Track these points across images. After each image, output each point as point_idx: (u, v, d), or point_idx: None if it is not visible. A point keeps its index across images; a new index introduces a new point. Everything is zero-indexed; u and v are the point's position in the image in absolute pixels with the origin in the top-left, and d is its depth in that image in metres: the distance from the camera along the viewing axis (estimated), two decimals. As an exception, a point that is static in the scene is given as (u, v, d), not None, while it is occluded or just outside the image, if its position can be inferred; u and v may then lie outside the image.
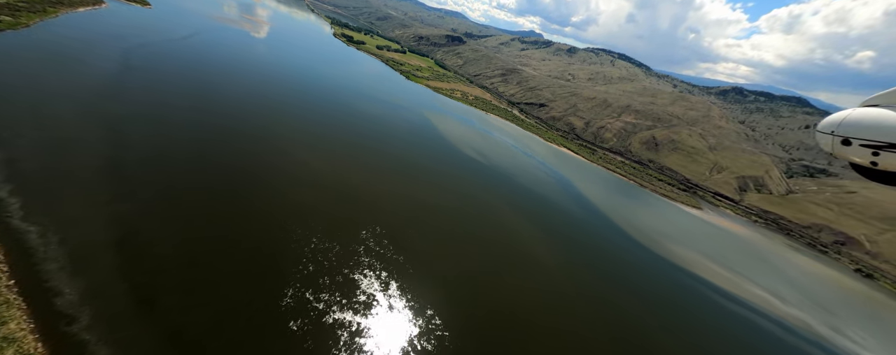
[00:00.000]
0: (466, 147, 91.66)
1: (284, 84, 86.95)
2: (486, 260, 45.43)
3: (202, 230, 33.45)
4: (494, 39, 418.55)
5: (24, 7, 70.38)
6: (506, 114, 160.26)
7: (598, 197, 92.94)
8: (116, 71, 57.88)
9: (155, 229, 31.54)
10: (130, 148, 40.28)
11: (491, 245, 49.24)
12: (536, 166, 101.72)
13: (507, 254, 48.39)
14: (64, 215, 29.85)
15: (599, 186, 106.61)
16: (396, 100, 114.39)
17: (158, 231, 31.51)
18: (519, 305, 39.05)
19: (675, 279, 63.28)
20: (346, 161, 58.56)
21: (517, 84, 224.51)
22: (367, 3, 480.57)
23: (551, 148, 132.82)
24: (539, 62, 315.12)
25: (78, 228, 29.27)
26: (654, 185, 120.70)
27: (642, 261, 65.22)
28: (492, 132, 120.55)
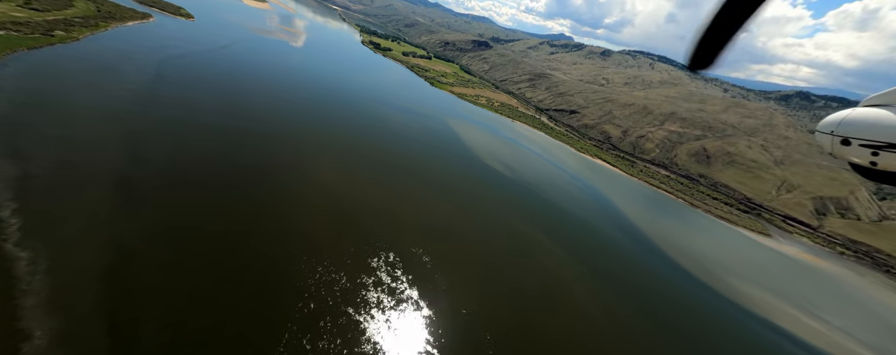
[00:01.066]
0: (491, 158, 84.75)
1: (308, 92, 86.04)
2: (517, 304, 38.30)
3: (199, 257, 30.19)
4: (522, 43, 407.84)
5: (79, 22, 75.20)
6: (533, 122, 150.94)
7: (642, 218, 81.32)
8: (147, 82, 58.60)
9: (151, 256, 28.79)
10: (144, 163, 38.88)
11: (521, 285, 41.93)
12: (569, 181, 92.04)
13: (541, 297, 40.91)
14: (61, 238, 27.84)
15: (643, 205, 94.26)
16: (419, 107, 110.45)
17: (154, 257, 28.73)
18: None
19: (747, 328, 51.46)
20: (362, 176, 54.40)
21: (546, 89, 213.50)
22: (396, 10, 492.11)
23: (584, 159, 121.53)
24: (569, 66, 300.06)
25: (71, 254, 27.03)
26: (707, 205, 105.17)
27: (703, 302, 54.04)
28: (518, 141, 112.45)
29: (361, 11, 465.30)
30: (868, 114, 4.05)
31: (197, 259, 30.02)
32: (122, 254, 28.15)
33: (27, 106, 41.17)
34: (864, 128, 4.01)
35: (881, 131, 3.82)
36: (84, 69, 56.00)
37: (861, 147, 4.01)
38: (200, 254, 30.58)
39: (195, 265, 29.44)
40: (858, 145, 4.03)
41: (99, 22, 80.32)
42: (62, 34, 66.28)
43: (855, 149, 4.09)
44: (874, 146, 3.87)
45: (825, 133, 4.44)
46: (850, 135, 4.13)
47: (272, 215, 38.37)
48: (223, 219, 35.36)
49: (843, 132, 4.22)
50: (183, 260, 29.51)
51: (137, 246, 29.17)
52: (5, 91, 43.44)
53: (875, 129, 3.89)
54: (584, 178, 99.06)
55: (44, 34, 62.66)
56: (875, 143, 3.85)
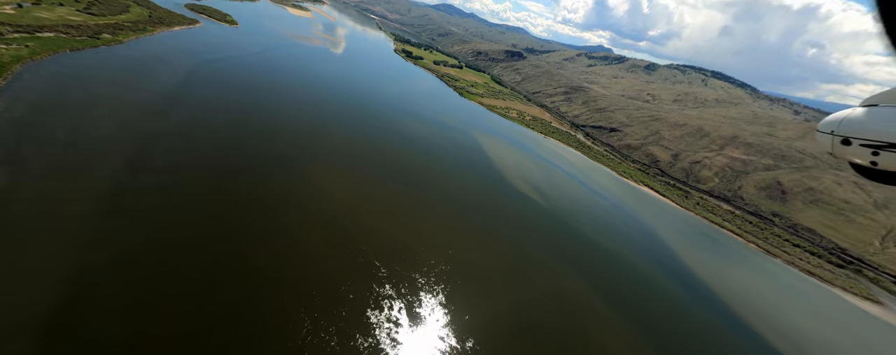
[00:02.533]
0: (520, 180, 74.66)
1: (332, 100, 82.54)
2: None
3: (170, 305, 24.43)
4: (557, 54, 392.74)
5: (128, 27, 77.97)
6: (568, 139, 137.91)
7: (705, 266, 66.23)
8: (173, 86, 57.29)
9: (112, 296, 24.05)
10: (142, 176, 35.51)
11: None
12: (611, 211, 78.91)
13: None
14: (21, 267, 23.86)
15: (704, 248, 78.24)
16: (446, 119, 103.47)
17: (115, 298, 23.89)
18: None
19: None
20: (376, 197, 47.81)
21: (583, 104, 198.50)
22: (431, 20, 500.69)
23: (627, 185, 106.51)
24: (609, 80, 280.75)
25: (24, 289, 22.50)
26: (788, 254, 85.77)
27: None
28: (552, 161, 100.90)
29: (398, 21, 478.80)
30: (869, 114, 4.00)
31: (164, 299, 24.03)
32: (78, 293, 23.16)
33: (43, 106, 39.46)
34: (865, 127, 3.96)
35: (882, 131, 3.76)
36: (114, 70, 55.64)
37: (862, 147, 3.96)
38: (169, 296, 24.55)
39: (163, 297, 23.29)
40: (859, 145, 3.98)
41: (147, 26, 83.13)
42: (108, 37, 67.84)
43: (855, 148, 4.03)
44: (875, 146, 3.81)
45: (825, 133, 4.37)
46: (850, 134, 4.08)
47: (263, 240, 32.39)
48: (207, 244, 29.73)
49: (843, 132, 4.16)
50: (151, 303, 23.58)
51: (98, 283, 24.08)
52: (34, 90, 42.34)
53: (876, 129, 3.83)
54: (629, 209, 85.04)
55: (90, 37, 64.13)
56: (876, 143, 3.80)
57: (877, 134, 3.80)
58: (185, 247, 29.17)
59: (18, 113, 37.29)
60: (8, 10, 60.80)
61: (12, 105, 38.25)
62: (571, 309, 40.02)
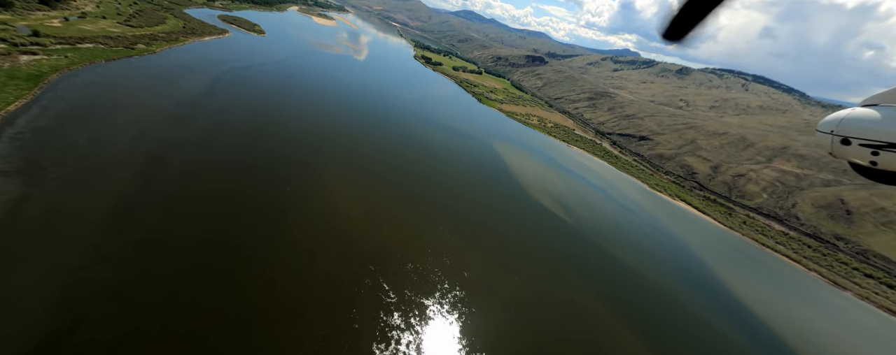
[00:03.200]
0: (542, 193, 69.43)
1: (348, 107, 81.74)
2: None
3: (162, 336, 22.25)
4: (581, 59, 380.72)
5: (162, 37, 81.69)
6: (593, 148, 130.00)
7: (762, 301, 57.44)
8: (196, 94, 58.18)
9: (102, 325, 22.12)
10: (153, 187, 34.72)
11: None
12: (643, 230, 71.54)
13: None
14: (13, 286, 22.44)
15: (757, 277, 68.72)
16: (463, 126, 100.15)
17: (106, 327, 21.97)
18: None
19: None
20: (387, 212, 45.28)
21: (609, 110, 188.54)
22: (451, 27, 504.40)
23: (661, 200, 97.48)
24: (637, 85, 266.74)
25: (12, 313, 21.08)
26: (861, 287, 73.86)
27: None
28: (576, 172, 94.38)
29: (419, 28, 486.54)
30: (868, 114, 3.98)
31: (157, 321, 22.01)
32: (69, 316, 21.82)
33: (70, 114, 40.28)
34: (864, 127, 3.94)
35: (881, 131, 3.76)
36: (143, 79, 57.19)
37: (861, 146, 3.94)
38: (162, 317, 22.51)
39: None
40: (858, 145, 3.96)
41: (180, 37, 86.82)
42: (142, 47, 70.80)
43: (855, 148, 4.02)
44: (874, 146, 3.82)
45: (825, 133, 4.36)
46: (849, 134, 4.06)
47: (268, 260, 30.22)
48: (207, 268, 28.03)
49: (843, 132, 4.14)
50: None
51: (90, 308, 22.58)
52: (64, 99, 43.62)
53: (875, 129, 3.82)
54: (664, 227, 76.94)
55: (126, 47, 67.01)
56: (875, 143, 3.80)
57: (876, 134, 3.79)
58: (184, 271, 27.45)
59: (46, 122, 38.03)
60: (55, 23, 64.89)
61: (42, 113, 39.18)
62: (605, 350, 34.64)
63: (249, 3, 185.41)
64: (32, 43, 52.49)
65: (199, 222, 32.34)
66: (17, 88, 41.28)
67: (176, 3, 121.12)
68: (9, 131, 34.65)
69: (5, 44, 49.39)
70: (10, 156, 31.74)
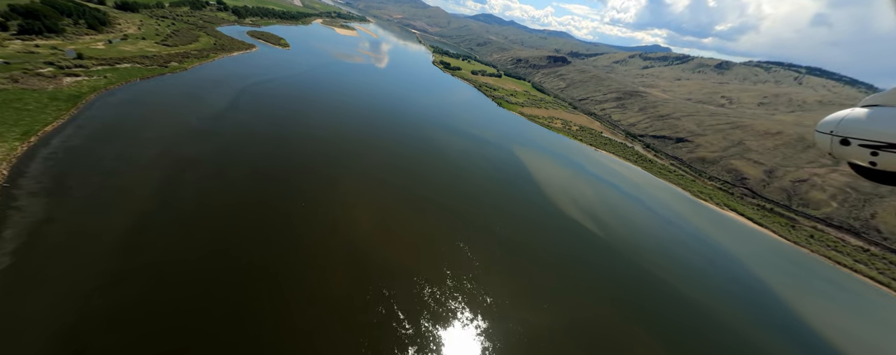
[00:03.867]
0: (570, 204, 63.79)
1: (365, 116, 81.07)
2: None
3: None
4: (606, 57, 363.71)
5: (194, 54, 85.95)
6: (625, 152, 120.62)
7: (855, 340, 47.78)
8: (220, 109, 59.66)
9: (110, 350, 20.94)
10: (169, 205, 34.45)
11: None
12: (689, 245, 63.43)
13: None
14: (18, 316, 21.94)
15: (839, 305, 58.07)
16: (482, 132, 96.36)
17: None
18: None
19: None
20: (402, 227, 42.76)
21: (640, 111, 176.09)
22: (470, 31, 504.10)
23: (707, 210, 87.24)
24: (671, 82, 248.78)
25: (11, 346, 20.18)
26: (976, 321, 60.37)
27: None
28: (607, 179, 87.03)
29: (438, 34, 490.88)
30: (867, 115, 3.98)
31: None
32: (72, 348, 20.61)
33: (102, 133, 41.71)
34: (864, 128, 3.95)
35: (880, 131, 3.77)
36: (172, 95, 59.31)
37: (860, 147, 3.96)
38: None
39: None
40: (858, 145, 3.97)
41: (210, 53, 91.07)
42: (175, 65, 74.35)
43: (854, 149, 4.03)
44: (873, 146, 3.82)
45: (824, 133, 4.35)
46: (849, 135, 4.07)
47: (279, 285, 28.39)
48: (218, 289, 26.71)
49: (842, 132, 4.14)
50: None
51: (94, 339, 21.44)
52: (98, 117, 45.53)
53: (874, 129, 3.83)
54: (714, 242, 67.96)
55: (160, 66, 70.53)
56: (874, 143, 3.81)
57: (875, 134, 3.80)
58: (194, 287, 26.17)
59: (78, 140, 39.39)
60: (100, 45, 69.81)
61: (76, 132, 40.76)
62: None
63: (277, 19, 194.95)
64: (76, 65, 56.09)
65: (212, 240, 31.33)
66: (57, 109, 43.50)
67: (209, 22, 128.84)
68: (43, 151, 35.99)
69: (53, 67, 53.00)
70: (40, 175, 32.63)
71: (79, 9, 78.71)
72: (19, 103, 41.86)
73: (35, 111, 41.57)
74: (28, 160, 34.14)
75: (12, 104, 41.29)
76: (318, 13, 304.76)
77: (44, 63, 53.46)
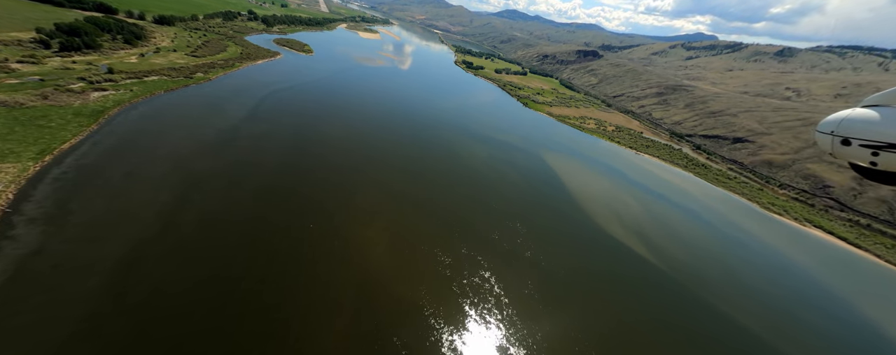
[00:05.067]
0: (612, 220, 55.04)
1: (384, 122, 77.18)
2: None
3: None
4: (643, 49, 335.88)
5: (220, 64, 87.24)
6: (671, 155, 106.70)
7: None
8: (237, 120, 58.24)
9: None
10: (170, 231, 31.92)
11: None
12: (770, 276, 52.04)
13: None
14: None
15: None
16: (508, 136, 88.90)
17: None
18: None
19: None
20: (419, 255, 37.36)
21: (686, 107, 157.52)
22: (493, 28, 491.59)
23: (782, 226, 73.10)
24: (721, 74, 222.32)
25: None
26: None
27: None
28: (653, 189, 75.99)
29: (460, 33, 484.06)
30: (868, 115, 4.01)
31: None
32: None
33: (116, 149, 40.83)
34: (865, 128, 3.98)
35: (881, 131, 3.80)
36: (192, 107, 58.83)
37: (861, 147, 3.99)
38: None
39: None
40: (859, 145, 4.01)
41: (236, 62, 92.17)
42: (200, 76, 75.09)
43: (855, 149, 4.06)
44: (874, 146, 3.86)
45: (825, 133, 4.39)
46: (850, 135, 4.09)
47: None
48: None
49: (843, 132, 4.17)
50: None
51: None
52: (115, 133, 45.00)
53: (875, 130, 3.86)
54: (801, 270, 55.34)
55: (186, 77, 71.27)
56: (875, 144, 3.84)
57: (876, 134, 3.81)
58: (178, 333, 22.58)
59: (91, 158, 38.44)
60: (133, 59, 72.02)
61: (91, 149, 40.01)
62: None
63: (303, 25, 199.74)
64: (106, 79, 57.20)
65: (208, 275, 27.99)
66: (78, 125, 43.36)
67: (239, 32, 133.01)
68: (54, 171, 35.05)
69: (84, 82, 54.16)
70: (45, 199, 31.27)
71: (118, 25, 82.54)
72: (43, 120, 42.04)
73: (57, 128, 41.49)
74: (37, 181, 33.13)
75: (37, 121, 41.50)
76: (342, 18, 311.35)
77: (76, 78, 54.84)
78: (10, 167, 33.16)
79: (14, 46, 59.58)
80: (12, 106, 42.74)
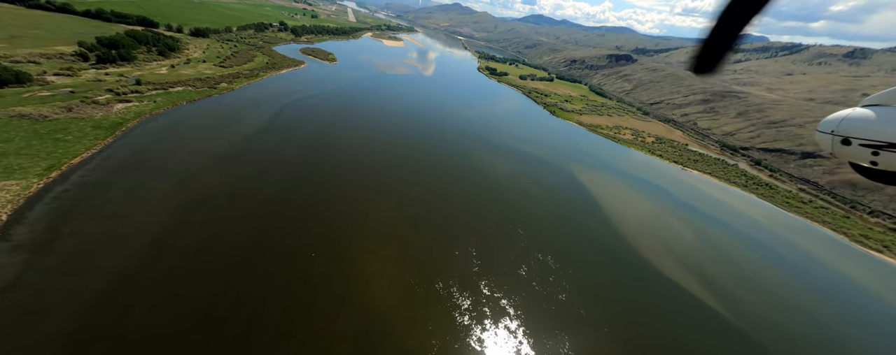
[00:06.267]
0: (664, 255, 46.22)
1: (403, 134, 72.92)
2: None
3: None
4: (681, 52, 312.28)
5: (245, 74, 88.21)
6: (725, 172, 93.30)
7: None
8: (252, 132, 56.44)
9: None
10: (160, 260, 28.87)
11: None
12: (882, 336, 40.06)
13: None
14: None
15: None
16: (534, 148, 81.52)
17: None
18: None
19: None
20: (430, 293, 31.87)
21: (739, 116, 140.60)
22: (518, 33, 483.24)
23: (882, 265, 58.89)
24: (778, 78, 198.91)
25: None
26: None
27: None
28: (707, 213, 65.16)
29: (484, 38, 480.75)
30: (868, 114, 4.06)
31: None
32: None
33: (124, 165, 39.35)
34: (865, 127, 4.01)
35: (882, 131, 3.81)
36: (209, 118, 57.88)
37: (861, 147, 4.02)
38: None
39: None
40: (859, 145, 4.05)
41: (260, 72, 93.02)
42: (224, 86, 75.40)
43: (855, 149, 4.10)
44: (875, 146, 3.87)
45: (825, 133, 4.46)
46: (850, 134, 4.14)
47: None
48: None
49: (843, 132, 4.22)
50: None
51: None
52: (128, 147, 43.85)
53: (875, 129, 3.88)
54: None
55: (209, 87, 71.54)
56: (875, 143, 3.86)
57: (877, 134, 3.81)
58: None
59: (97, 175, 36.95)
60: (163, 70, 73.81)
61: (99, 165, 38.72)
62: None
63: (330, 35, 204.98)
64: (133, 91, 57.86)
65: (191, 311, 24.12)
66: (94, 138, 42.70)
67: (268, 42, 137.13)
68: (57, 189, 33.53)
69: (111, 94, 54.81)
70: (38, 222, 29.33)
71: (155, 37, 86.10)
72: (61, 133, 41.68)
73: (72, 141, 40.87)
74: (36, 200, 31.53)
75: (55, 134, 41.14)
76: (368, 27, 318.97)
77: (105, 90, 55.72)
78: (14, 185, 31.86)
79: (55, 59, 62.44)
80: (36, 119, 42.92)
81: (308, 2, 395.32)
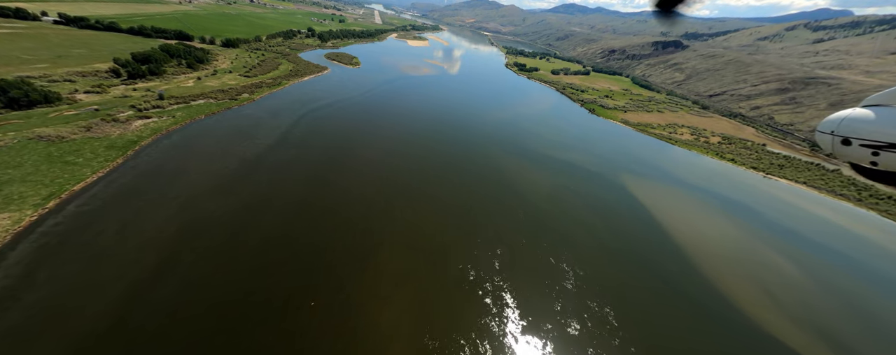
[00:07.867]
0: (767, 305, 35.30)
1: (425, 141, 66.09)
2: None
3: None
4: (744, 34, 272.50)
5: (268, 83, 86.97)
6: (825, 181, 74.58)
7: None
8: (265, 147, 52.83)
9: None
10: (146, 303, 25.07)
11: None
12: None
13: None
14: None
15: None
16: (575, 155, 70.59)
17: None
18: None
19: None
20: (453, 345, 23.59)
21: (831, 107, 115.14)
22: (548, 25, 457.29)
23: None
24: (880, 59, 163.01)
25: None
26: None
27: None
28: (810, 237, 50.26)
29: (511, 33, 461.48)
30: (869, 115, 4.00)
31: None
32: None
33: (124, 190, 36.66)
34: (865, 128, 3.96)
35: (881, 131, 3.78)
36: (223, 133, 55.14)
37: (861, 147, 3.97)
38: None
39: None
40: (859, 145, 3.99)
41: (283, 80, 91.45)
42: (245, 97, 73.76)
43: (855, 149, 4.04)
44: (874, 146, 3.83)
45: (825, 133, 4.36)
46: (850, 135, 4.07)
47: None
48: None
49: (843, 132, 4.15)
50: None
51: None
52: (136, 168, 41.47)
53: (875, 130, 3.85)
54: None
55: (231, 99, 69.96)
56: (875, 143, 3.82)
57: (877, 134, 3.80)
58: None
59: (95, 204, 34.36)
60: (190, 83, 73.95)
61: (101, 191, 36.33)
62: None
63: (355, 38, 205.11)
64: (154, 106, 57.08)
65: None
66: (104, 160, 40.91)
67: (295, 49, 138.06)
68: (49, 221, 31.01)
69: (133, 110, 54.13)
70: (17, 263, 26.43)
71: (186, 50, 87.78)
72: (73, 156, 40.24)
73: (82, 164, 39.15)
74: (23, 236, 28.93)
75: (66, 157, 39.75)
76: (394, 28, 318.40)
77: (128, 106, 55.31)
78: (5, 218, 29.62)
79: (90, 77, 64.16)
80: (53, 140, 42.09)
81: (337, 7, 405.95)
